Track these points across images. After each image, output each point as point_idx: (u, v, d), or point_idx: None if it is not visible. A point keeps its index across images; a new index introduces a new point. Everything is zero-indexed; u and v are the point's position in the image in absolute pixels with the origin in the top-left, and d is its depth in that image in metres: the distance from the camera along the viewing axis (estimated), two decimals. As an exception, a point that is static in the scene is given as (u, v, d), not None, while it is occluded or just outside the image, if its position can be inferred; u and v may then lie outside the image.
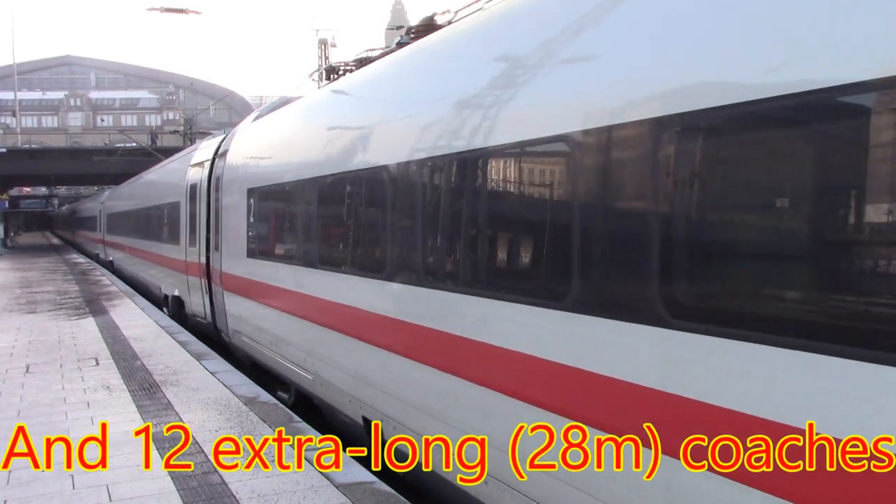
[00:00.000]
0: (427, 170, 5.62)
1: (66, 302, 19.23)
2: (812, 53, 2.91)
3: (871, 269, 2.78)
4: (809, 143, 3.03)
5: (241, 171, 11.12)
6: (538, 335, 4.39)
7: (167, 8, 29.44)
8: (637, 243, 3.63)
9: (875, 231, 2.78)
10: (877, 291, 2.75)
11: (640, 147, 3.67)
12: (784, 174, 3.10)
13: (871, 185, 2.76)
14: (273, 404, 8.31)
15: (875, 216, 2.77)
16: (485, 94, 5.03)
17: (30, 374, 10.20)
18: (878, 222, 2.75)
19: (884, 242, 2.74)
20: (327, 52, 50.67)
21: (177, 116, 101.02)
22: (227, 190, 11.83)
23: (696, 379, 3.34)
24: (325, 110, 8.46)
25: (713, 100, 3.26)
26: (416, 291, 5.73)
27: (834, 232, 2.92)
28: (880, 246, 2.76)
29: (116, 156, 47.58)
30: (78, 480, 6.05)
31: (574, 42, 4.32)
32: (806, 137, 3.04)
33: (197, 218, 14.16)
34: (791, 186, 3.07)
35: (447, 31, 6.25)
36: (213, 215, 12.93)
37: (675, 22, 3.60)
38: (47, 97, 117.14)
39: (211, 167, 13.37)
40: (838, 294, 2.89)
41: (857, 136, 2.83)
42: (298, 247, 8.45)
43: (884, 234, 2.74)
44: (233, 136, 12.47)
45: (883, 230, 2.74)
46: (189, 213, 14.93)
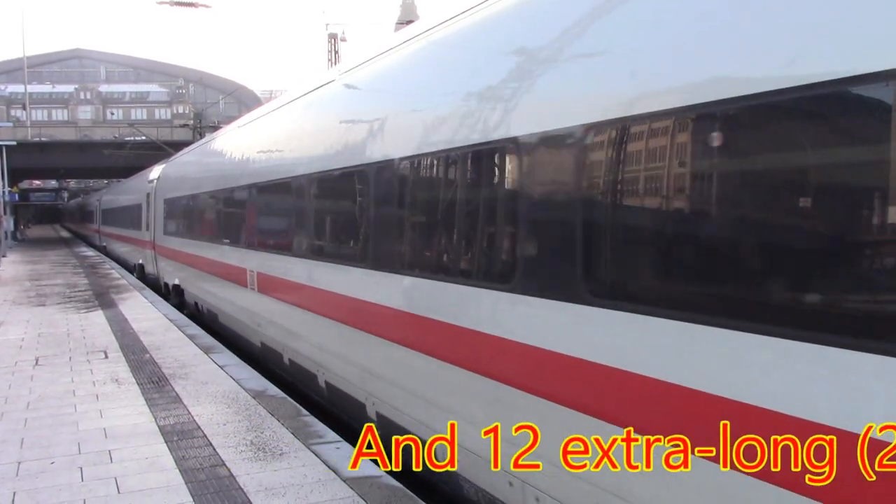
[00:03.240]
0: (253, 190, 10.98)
1: (76, 295, 19.31)
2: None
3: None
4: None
5: (163, 186, 20.09)
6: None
7: (177, 2, 29.49)
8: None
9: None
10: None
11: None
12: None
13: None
14: (281, 398, 8.32)
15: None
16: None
17: (39, 367, 10.25)
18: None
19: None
20: (337, 46, 50.65)
21: (187, 110, 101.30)
22: (158, 197, 20.54)
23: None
24: (203, 155, 16.05)
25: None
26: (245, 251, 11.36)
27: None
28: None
29: (126, 149, 47.74)
30: (87, 472, 6.08)
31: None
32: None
33: (150, 213, 21.97)
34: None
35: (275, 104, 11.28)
36: (155, 212, 21.09)
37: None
38: (57, 90, 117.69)
39: (157, 183, 21.26)
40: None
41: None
42: (184, 228, 16.64)
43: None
44: (167, 164, 21.60)
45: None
46: (146, 210, 22.73)
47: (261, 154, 10.65)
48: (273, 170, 9.74)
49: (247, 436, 6.92)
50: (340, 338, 7.44)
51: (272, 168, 9.83)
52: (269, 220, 10.31)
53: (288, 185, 8.92)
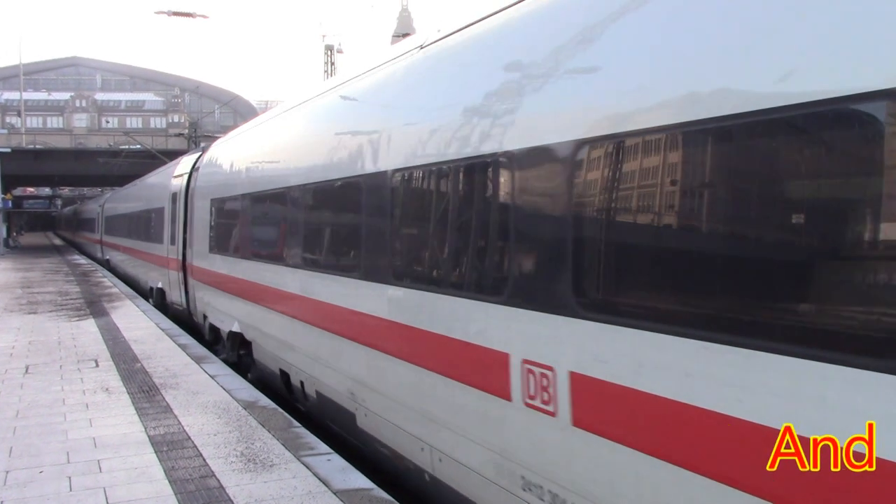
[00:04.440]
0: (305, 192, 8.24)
1: (68, 303, 19.23)
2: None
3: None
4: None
5: (206, 181, 13.66)
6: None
7: (175, 11, 29.61)
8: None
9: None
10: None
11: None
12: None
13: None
14: (272, 409, 8.29)
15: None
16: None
17: (29, 375, 10.19)
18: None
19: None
20: (333, 57, 50.87)
21: (182, 119, 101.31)
22: (197, 196, 14.22)
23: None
24: (262, 139, 10.78)
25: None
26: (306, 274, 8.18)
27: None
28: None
29: (121, 158, 47.71)
30: (76, 482, 6.04)
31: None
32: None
33: (177, 221, 16.20)
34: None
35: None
36: (189, 218, 14.95)
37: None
38: (53, 98, 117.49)
39: (188, 179, 15.48)
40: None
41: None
42: (262, 244, 10.32)
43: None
44: (205, 152, 14.91)
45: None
46: (171, 216, 16.92)
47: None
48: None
49: (237, 447, 6.89)
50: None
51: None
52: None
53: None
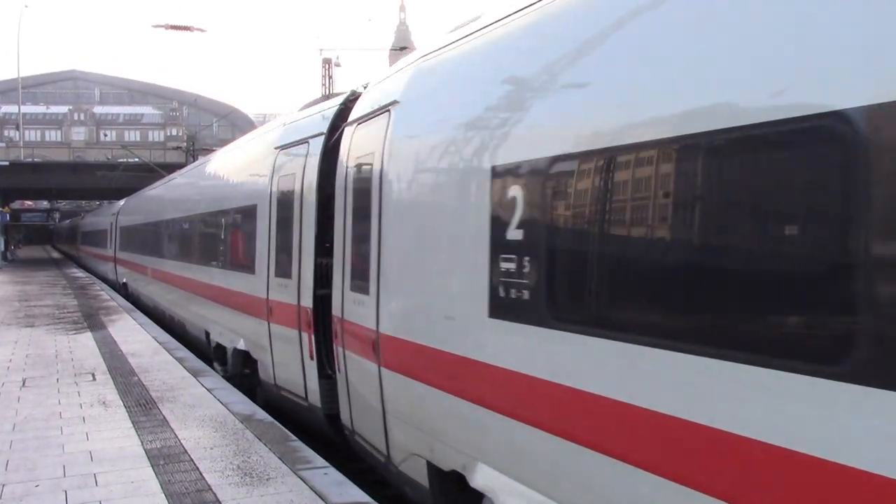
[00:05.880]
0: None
1: (65, 316, 19.21)
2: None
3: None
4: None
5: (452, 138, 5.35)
6: None
7: (172, 25, 29.76)
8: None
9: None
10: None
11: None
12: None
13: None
14: (269, 422, 8.28)
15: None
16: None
17: (26, 388, 10.18)
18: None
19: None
20: (331, 71, 50.97)
21: (180, 132, 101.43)
22: (411, 180, 5.93)
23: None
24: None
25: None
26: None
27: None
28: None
29: (119, 171, 47.79)
30: (72, 496, 6.03)
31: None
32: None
33: (295, 232, 8.72)
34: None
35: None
36: (345, 227, 7.13)
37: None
38: (51, 111, 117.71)
39: (324, 148, 8.18)
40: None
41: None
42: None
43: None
44: (405, 73, 6.38)
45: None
46: (276, 223, 9.42)
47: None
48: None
49: (234, 460, 6.89)
50: None
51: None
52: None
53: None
